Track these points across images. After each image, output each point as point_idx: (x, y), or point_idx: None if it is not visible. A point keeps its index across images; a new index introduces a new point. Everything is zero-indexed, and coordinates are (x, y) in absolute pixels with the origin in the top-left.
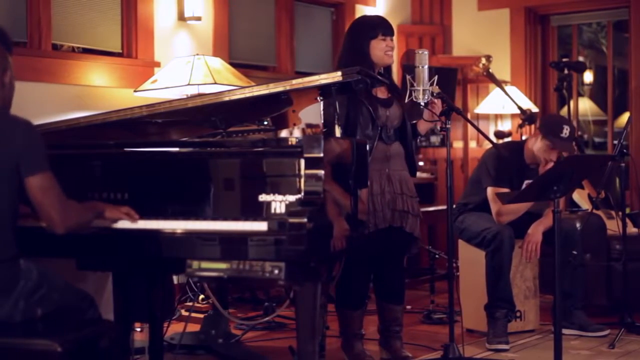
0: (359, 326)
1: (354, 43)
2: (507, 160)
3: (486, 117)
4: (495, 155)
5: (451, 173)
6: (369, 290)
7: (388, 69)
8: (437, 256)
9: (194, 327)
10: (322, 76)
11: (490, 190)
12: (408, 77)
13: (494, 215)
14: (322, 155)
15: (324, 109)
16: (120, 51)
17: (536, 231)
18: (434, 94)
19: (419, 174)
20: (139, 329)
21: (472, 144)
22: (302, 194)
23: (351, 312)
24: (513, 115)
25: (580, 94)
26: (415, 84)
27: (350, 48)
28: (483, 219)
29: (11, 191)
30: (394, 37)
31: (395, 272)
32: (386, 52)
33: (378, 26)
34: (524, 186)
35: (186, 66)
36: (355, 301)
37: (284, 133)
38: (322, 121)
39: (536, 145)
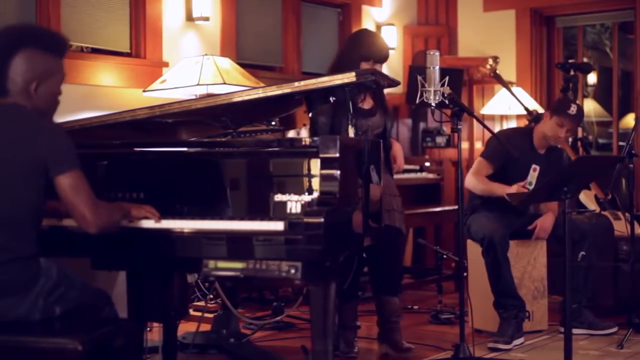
0: (351, 317)
1: (348, 55)
2: (508, 145)
3: (492, 117)
4: (502, 136)
5: (461, 173)
6: (359, 282)
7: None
8: (444, 256)
9: (202, 327)
10: (336, 77)
11: (477, 160)
12: (419, 78)
13: (466, 180)
14: (338, 155)
15: (312, 117)
16: (129, 51)
17: (548, 219)
18: (445, 95)
19: (424, 174)
20: (147, 329)
21: (478, 145)
22: (318, 193)
23: (342, 304)
24: (519, 116)
25: (584, 95)
26: (426, 85)
27: (344, 58)
28: (483, 218)
29: (35, 192)
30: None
31: (389, 265)
32: None
33: (374, 51)
34: (530, 170)
35: (195, 66)
36: (344, 293)
37: (291, 133)
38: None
39: (546, 125)
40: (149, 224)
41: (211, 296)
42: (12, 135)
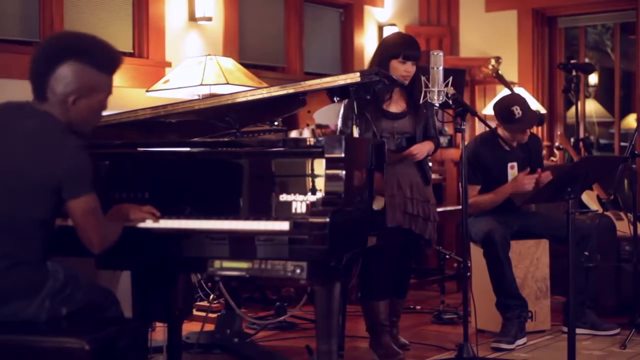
0: (385, 318)
1: (379, 56)
2: (478, 155)
3: (493, 118)
4: (467, 153)
5: (465, 174)
6: (390, 282)
7: (411, 85)
8: (447, 257)
9: (205, 327)
10: (341, 77)
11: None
12: (423, 78)
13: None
14: (343, 155)
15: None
16: (132, 51)
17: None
18: (449, 95)
19: None
20: (150, 328)
21: None
22: (323, 193)
23: (375, 303)
24: None
25: (585, 96)
26: (430, 85)
27: (375, 59)
28: (483, 220)
29: (46, 211)
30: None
31: (402, 270)
32: (402, 75)
33: (401, 47)
34: (508, 169)
35: (198, 66)
36: (378, 291)
37: (293, 133)
38: (341, 121)
39: (503, 132)
40: (154, 224)
41: (213, 296)
42: (34, 149)
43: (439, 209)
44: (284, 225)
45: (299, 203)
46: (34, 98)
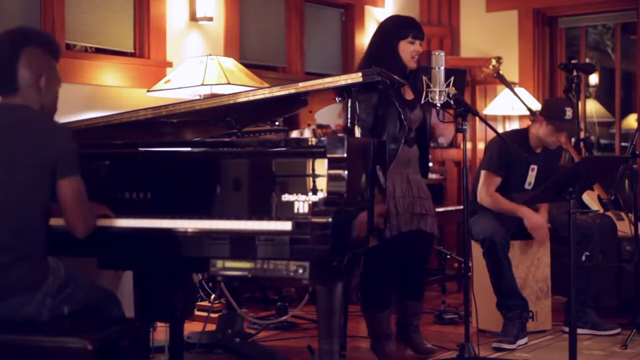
0: (387, 326)
1: (383, 40)
2: (509, 149)
3: (494, 118)
4: (498, 143)
5: (466, 174)
6: (393, 292)
7: (414, 72)
8: (448, 256)
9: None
10: (342, 77)
11: (483, 173)
12: (424, 78)
13: (478, 195)
14: (345, 155)
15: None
16: (133, 51)
17: (543, 220)
18: (450, 95)
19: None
20: (152, 328)
21: (481, 145)
22: (326, 194)
23: (377, 313)
24: (521, 117)
25: (586, 96)
26: (431, 85)
27: (379, 45)
28: (484, 219)
29: (44, 194)
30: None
31: (417, 272)
32: (412, 56)
33: (410, 27)
34: (529, 171)
35: (199, 66)
36: (382, 302)
37: (294, 134)
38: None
39: (541, 130)
40: (156, 224)
41: (215, 296)
42: (23, 139)
43: (440, 209)
44: (287, 225)
45: (301, 203)
46: (2, 94)
